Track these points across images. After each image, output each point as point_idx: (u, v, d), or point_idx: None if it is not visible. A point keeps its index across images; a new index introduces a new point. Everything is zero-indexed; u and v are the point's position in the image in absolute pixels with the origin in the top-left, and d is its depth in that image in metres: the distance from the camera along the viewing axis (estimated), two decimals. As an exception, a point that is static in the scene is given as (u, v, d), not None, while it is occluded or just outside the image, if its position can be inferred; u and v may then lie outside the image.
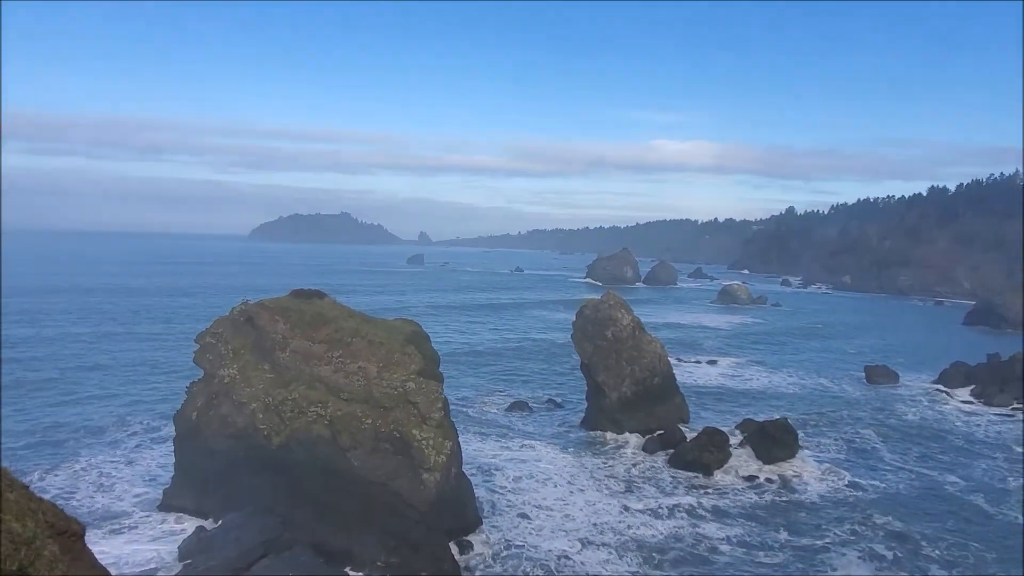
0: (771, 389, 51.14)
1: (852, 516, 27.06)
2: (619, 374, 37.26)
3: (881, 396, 49.58)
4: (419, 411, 23.13)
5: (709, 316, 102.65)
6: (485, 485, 28.66)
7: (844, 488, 30.24)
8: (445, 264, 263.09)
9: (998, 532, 26.06)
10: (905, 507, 28.15)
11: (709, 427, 33.87)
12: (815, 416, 42.68)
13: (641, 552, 23.33)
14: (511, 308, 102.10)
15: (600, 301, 39.86)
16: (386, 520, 21.79)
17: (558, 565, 22.28)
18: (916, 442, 37.69)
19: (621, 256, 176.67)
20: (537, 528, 24.99)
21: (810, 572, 22.46)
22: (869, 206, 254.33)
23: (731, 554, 23.68)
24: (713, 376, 54.79)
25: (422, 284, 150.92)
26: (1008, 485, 31.43)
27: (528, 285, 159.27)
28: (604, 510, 26.80)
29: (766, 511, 27.43)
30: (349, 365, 24.05)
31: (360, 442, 22.52)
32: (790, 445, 33.44)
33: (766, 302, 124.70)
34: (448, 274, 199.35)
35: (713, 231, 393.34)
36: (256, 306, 26.59)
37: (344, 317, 26.26)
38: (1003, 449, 37.11)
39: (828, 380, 54.99)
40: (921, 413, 44.84)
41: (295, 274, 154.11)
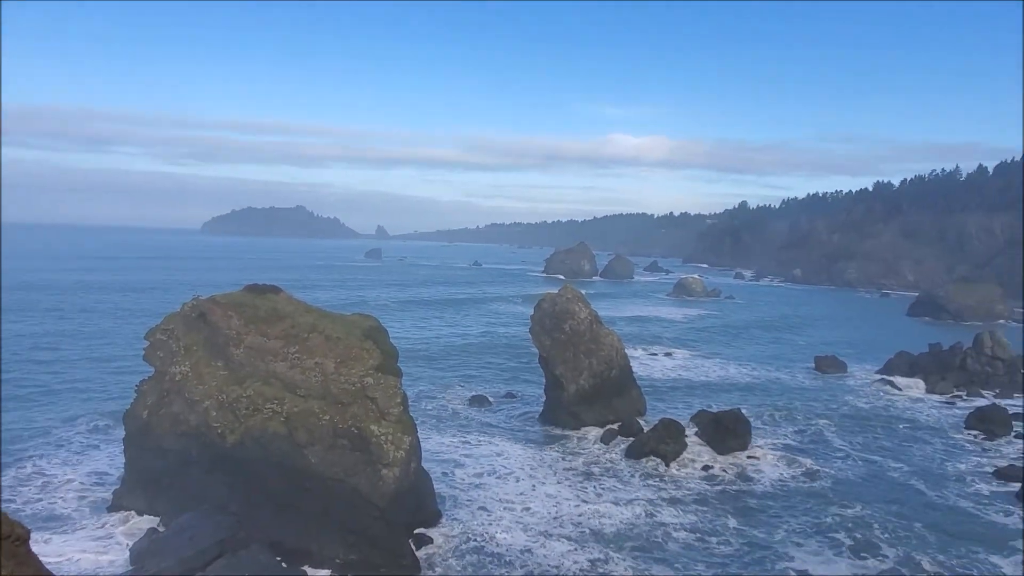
0: (725, 380, 52.23)
1: (804, 502, 27.88)
2: (577, 367, 37.59)
3: (830, 386, 51.09)
4: (378, 406, 22.99)
5: (665, 309, 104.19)
6: (445, 479, 28.67)
7: (796, 475, 31.11)
8: (403, 258, 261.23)
9: (938, 514, 27.15)
10: (853, 493, 29.10)
11: (665, 418, 34.44)
12: (767, 406, 43.78)
13: (600, 542, 23.64)
14: (470, 302, 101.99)
15: (558, 295, 40.12)
16: (345, 516, 21.64)
17: (518, 558, 22.40)
18: (863, 430, 38.94)
19: (578, 250, 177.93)
20: (497, 521, 25.10)
21: (764, 557, 23.01)
22: (818, 200, 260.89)
23: (685, 540, 24.17)
24: (669, 368, 55.70)
25: (380, 279, 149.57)
26: (945, 470, 32.75)
27: (487, 279, 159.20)
28: (563, 502, 27.06)
29: (721, 499, 28.06)
30: (306, 361, 23.75)
31: (317, 438, 22.30)
32: (743, 435, 34.23)
33: (720, 295, 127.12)
34: (406, 268, 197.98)
35: (668, 225, 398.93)
36: (208, 302, 26.03)
37: (300, 312, 25.91)
38: (942, 435, 38.63)
39: (780, 371, 56.41)
40: (867, 402, 46.36)
41: (249, 269, 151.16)
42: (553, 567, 21.80)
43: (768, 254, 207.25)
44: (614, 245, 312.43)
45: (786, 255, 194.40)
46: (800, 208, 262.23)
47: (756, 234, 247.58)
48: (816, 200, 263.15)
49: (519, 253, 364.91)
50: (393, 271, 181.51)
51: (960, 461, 34.13)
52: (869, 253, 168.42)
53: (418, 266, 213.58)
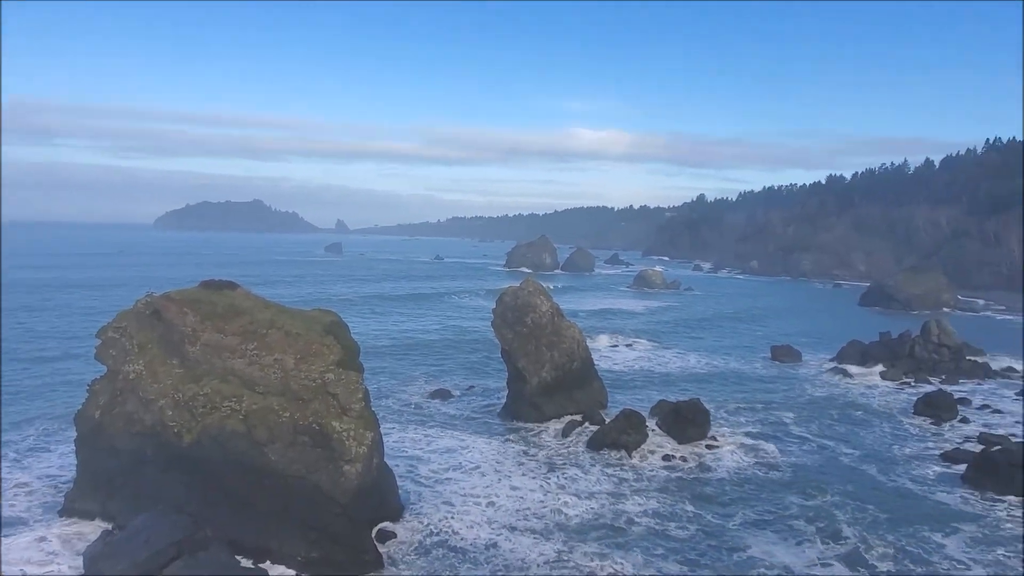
0: (685, 371, 53.07)
1: (761, 489, 28.55)
2: (539, 360, 37.78)
3: (786, 375, 52.32)
4: (339, 402, 22.79)
5: (626, 301, 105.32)
6: (408, 474, 28.59)
7: (754, 462, 31.81)
8: (364, 253, 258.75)
9: (889, 497, 28.09)
10: (809, 477, 29.93)
11: (627, 409, 34.85)
12: (726, 395, 44.74)
13: (564, 533, 23.83)
14: (432, 297, 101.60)
15: (519, 288, 40.23)
16: (306, 514, 21.43)
17: (483, 552, 22.41)
18: (818, 416, 39.98)
19: (540, 243, 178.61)
20: (461, 515, 25.11)
21: (721, 544, 23.46)
22: (774, 193, 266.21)
23: (648, 526, 24.54)
24: (630, 360, 56.35)
25: (341, 273, 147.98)
26: (896, 454, 33.89)
27: (449, 273, 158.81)
28: (527, 494, 27.19)
29: (681, 487, 28.53)
30: (265, 357, 23.41)
31: (277, 436, 22.02)
32: (703, 424, 34.85)
33: (679, 287, 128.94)
34: (368, 263, 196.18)
35: (629, 218, 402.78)
36: (163, 298, 25.45)
37: (259, 308, 25.49)
38: (892, 420, 39.90)
39: (738, 361, 57.54)
40: (822, 390, 47.62)
41: (205, 265, 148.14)
42: (518, 560, 21.87)
43: (726, 246, 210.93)
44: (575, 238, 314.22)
45: (743, 247, 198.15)
46: (756, 201, 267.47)
47: (714, 227, 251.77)
48: (772, 193, 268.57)
49: (481, 247, 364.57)
50: (354, 266, 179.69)
51: (909, 445, 35.32)
52: (823, 245, 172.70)
53: (379, 260, 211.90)
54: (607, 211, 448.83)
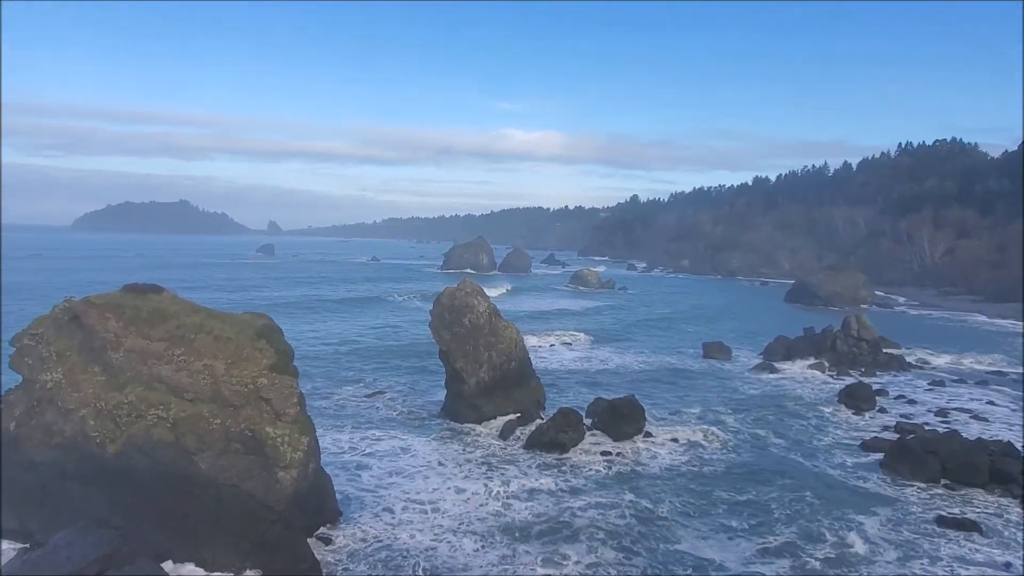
0: (621, 368, 54.05)
1: (695, 480, 29.35)
2: (477, 360, 37.82)
3: (717, 370, 53.95)
4: (272, 408, 22.27)
5: (562, 301, 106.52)
6: (346, 479, 28.16)
7: (689, 456, 32.68)
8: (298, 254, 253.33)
9: (814, 484, 29.33)
10: (740, 468, 31.03)
11: (564, 408, 35.24)
12: (660, 392, 45.85)
13: (507, 533, 23.82)
14: (369, 298, 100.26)
15: (456, 289, 40.17)
16: (240, 523, 20.85)
17: (424, 555, 22.19)
18: (747, 409, 41.38)
19: (476, 244, 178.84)
20: (401, 519, 24.85)
21: (660, 536, 23.98)
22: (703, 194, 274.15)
23: (589, 522, 24.87)
24: (567, 359, 57.03)
25: (274, 276, 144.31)
26: (820, 443, 35.51)
27: (385, 275, 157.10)
28: (467, 496, 27.15)
29: (619, 481, 29.05)
30: (193, 363, 22.64)
31: (208, 444, 21.35)
32: (638, 420, 35.58)
33: (614, 286, 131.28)
34: (302, 265, 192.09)
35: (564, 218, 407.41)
36: (82, 303, 24.30)
37: (186, 312, 24.63)
38: (816, 412, 41.69)
39: (671, 357, 58.98)
40: (751, 384, 49.35)
41: (128, 269, 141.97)
42: (460, 564, 21.76)
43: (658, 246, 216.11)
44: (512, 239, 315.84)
45: (675, 247, 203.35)
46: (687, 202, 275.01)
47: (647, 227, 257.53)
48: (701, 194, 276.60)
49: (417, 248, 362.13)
50: (288, 268, 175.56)
51: (833, 435, 37.01)
52: (750, 244, 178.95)
53: (314, 262, 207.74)
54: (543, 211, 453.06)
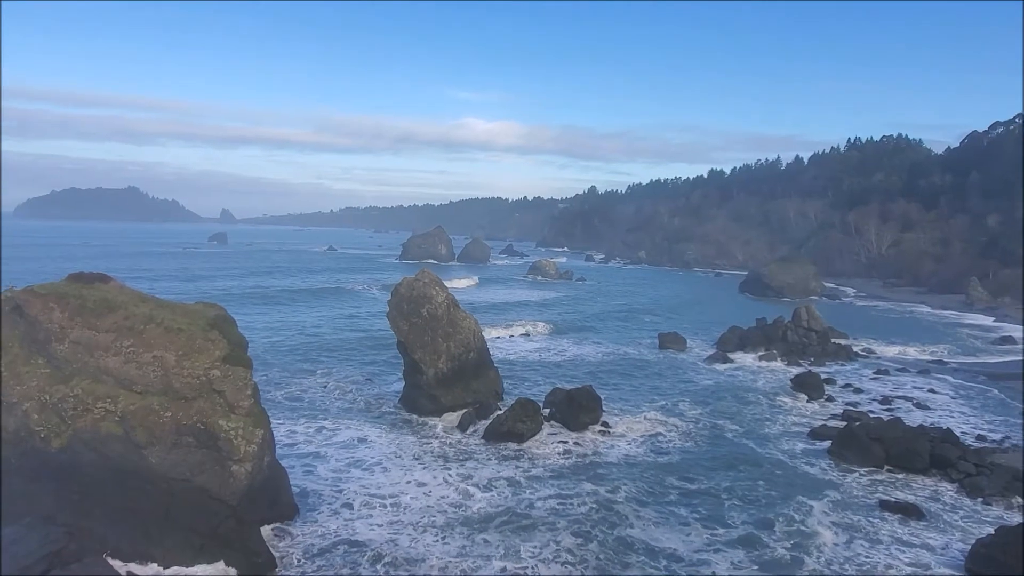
0: (578, 358, 54.52)
1: (650, 469, 29.85)
2: (435, 351, 37.72)
3: (672, 360, 54.83)
4: (226, 400, 21.86)
5: (521, 291, 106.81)
6: (303, 471, 27.87)
7: (645, 445, 33.19)
8: (252, 243, 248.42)
9: (766, 469, 30.20)
10: (696, 455, 31.72)
11: (522, 398, 35.43)
12: (616, 381, 46.43)
13: (467, 525, 23.83)
14: (326, 289, 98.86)
15: (415, 279, 39.96)
16: (192, 518, 20.47)
17: (383, 550, 22.02)
18: (702, 399, 42.19)
19: (435, 234, 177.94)
20: (359, 513, 24.70)
21: (617, 522, 24.30)
22: (660, 186, 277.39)
23: (547, 511, 25.11)
24: (526, 350, 57.27)
25: (227, 266, 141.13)
26: (772, 431, 36.47)
27: (343, 264, 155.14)
28: (425, 488, 27.11)
29: (576, 471, 29.36)
30: (143, 355, 22.07)
31: (158, 437, 20.87)
32: (595, 410, 35.99)
33: (572, 277, 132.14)
34: (256, 254, 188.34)
35: (522, 209, 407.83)
36: (25, 293, 23.44)
37: (135, 302, 23.97)
38: (767, 401, 42.74)
39: (628, 347, 59.71)
40: (705, 373, 50.30)
41: (74, 257, 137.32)
42: (419, 555, 21.69)
43: (616, 237, 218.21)
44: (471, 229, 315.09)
45: (632, 238, 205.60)
46: (644, 193, 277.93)
47: (605, 218, 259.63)
48: (658, 186, 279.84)
49: (375, 238, 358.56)
50: (242, 257, 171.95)
51: (783, 423, 38.01)
52: (705, 236, 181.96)
53: (269, 251, 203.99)
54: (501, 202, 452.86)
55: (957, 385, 49.45)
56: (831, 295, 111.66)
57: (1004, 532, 21.74)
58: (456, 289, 72.28)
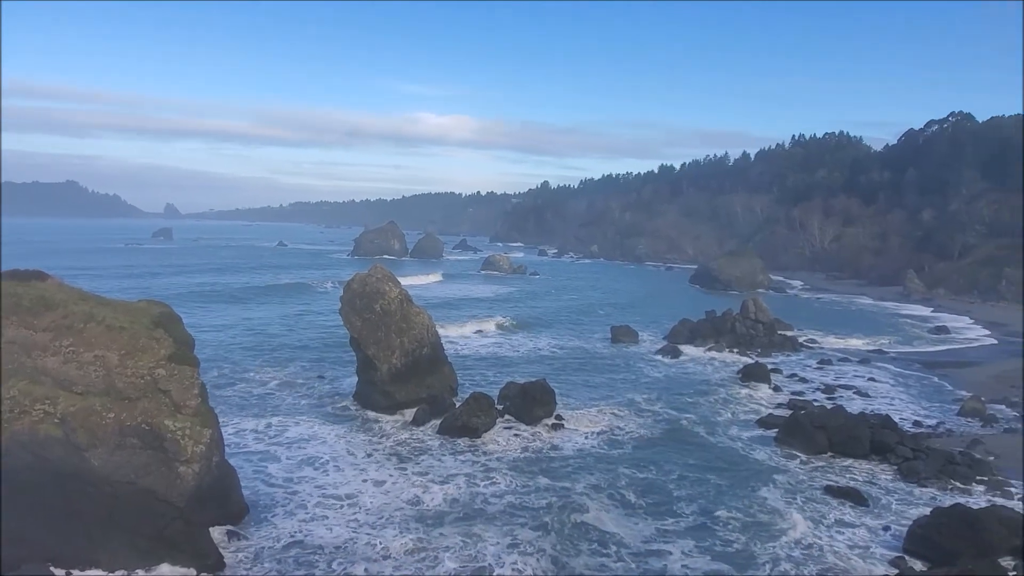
0: (532, 353, 54.81)
1: (603, 460, 30.26)
2: (389, 347, 37.45)
3: (624, 353, 55.58)
4: (172, 399, 21.33)
5: (474, 286, 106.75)
6: (253, 471, 27.38)
7: (598, 438, 33.59)
8: (199, 239, 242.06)
9: (717, 458, 30.95)
10: (649, 447, 32.27)
11: (476, 392, 35.47)
12: (570, 375, 46.84)
13: (423, 522, 23.69)
14: (275, 285, 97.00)
15: (367, 274, 39.57)
16: (138, 521, 19.92)
17: (338, 550, 21.78)
18: (653, 391, 42.90)
19: (388, 229, 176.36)
20: (313, 513, 24.34)
21: (573, 515, 24.51)
22: (612, 181, 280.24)
23: (503, 503, 25.21)
24: (479, 344, 57.30)
25: (173, 262, 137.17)
26: (718, 420, 37.36)
27: (293, 260, 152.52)
28: (380, 487, 26.87)
29: (530, 464, 29.55)
30: (83, 354, 21.36)
31: (101, 439, 20.23)
32: (549, 403, 36.26)
33: (526, 271, 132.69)
34: (203, 250, 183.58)
35: (476, 204, 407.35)
36: (-45, 292, 22.41)
37: (74, 300, 23.17)
38: (717, 391, 43.70)
39: (580, 341, 60.28)
40: (656, 366, 51.15)
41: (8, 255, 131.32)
42: (376, 554, 21.49)
43: (569, 231, 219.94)
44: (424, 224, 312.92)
45: (585, 232, 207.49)
46: (596, 188, 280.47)
47: (557, 213, 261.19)
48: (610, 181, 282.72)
49: (327, 233, 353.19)
50: (187, 254, 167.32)
51: (731, 413, 38.96)
52: (656, 230, 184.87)
53: (216, 248, 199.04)
54: (455, 197, 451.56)
55: (896, 373, 51.41)
56: (777, 288, 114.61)
57: (939, 513, 22.75)
58: (420, 285, 71.74)
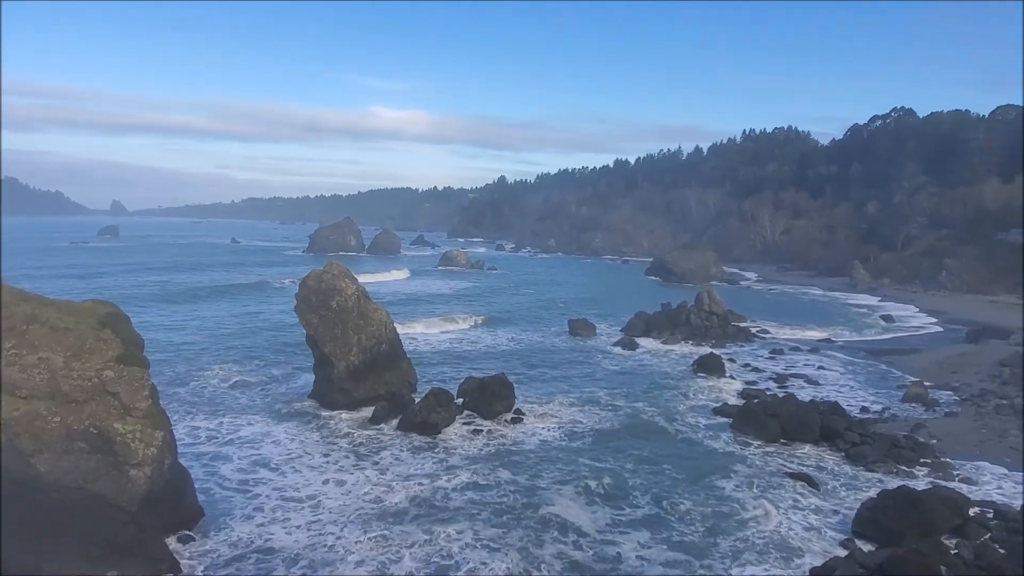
0: (491, 348, 54.88)
1: (564, 453, 30.50)
2: (346, 344, 37.06)
3: (582, 346, 56.07)
4: (121, 402, 20.75)
5: (432, 282, 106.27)
6: (209, 473, 26.82)
7: (557, 431, 33.83)
8: (148, 236, 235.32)
9: (675, 447, 31.56)
10: (608, 439, 32.66)
11: (435, 388, 35.37)
12: (528, 368, 47.06)
13: (385, 521, 23.48)
14: (228, 283, 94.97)
15: (323, 271, 39.06)
16: (88, 527, 19.34)
17: (297, 553, 21.41)
18: (612, 383, 43.42)
19: (344, 225, 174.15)
20: (271, 515, 23.92)
21: (533, 508, 24.68)
22: (568, 176, 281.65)
23: (465, 499, 25.20)
24: (438, 340, 57.12)
25: (121, 261, 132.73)
26: (674, 410, 38.00)
27: (247, 258, 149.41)
28: (342, 486, 26.56)
29: (492, 459, 29.60)
30: (26, 357, 20.61)
31: (47, 444, 19.59)
32: (507, 397, 36.38)
33: (483, 266, 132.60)
34: (153, 248, 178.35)
35: (433, 199, 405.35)
36: None
37: (15, 301, 22.31)
38: (673, 382, 44.47)
39: (538, 335, 60.60)
40: (613, 358, 51.73)
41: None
42: (337, 558, 21.15)
43: (526, 226, 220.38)
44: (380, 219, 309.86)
45: (542, 227, 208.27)
46: (552, 183, 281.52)
47: (514, 207, 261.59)
48: (566, 175, 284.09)
49: (281, 229, 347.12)
50: (136, 252, 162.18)
51: (687, 403, 39.67)
52: (612, 224, 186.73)
53: (166, 245, 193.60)
54: (411, 192, 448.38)
55: (845, 361, 53.02)
56: (731, 280, 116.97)
57: (885, 496, 23.59)
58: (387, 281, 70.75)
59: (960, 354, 54.97)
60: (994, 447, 32.40)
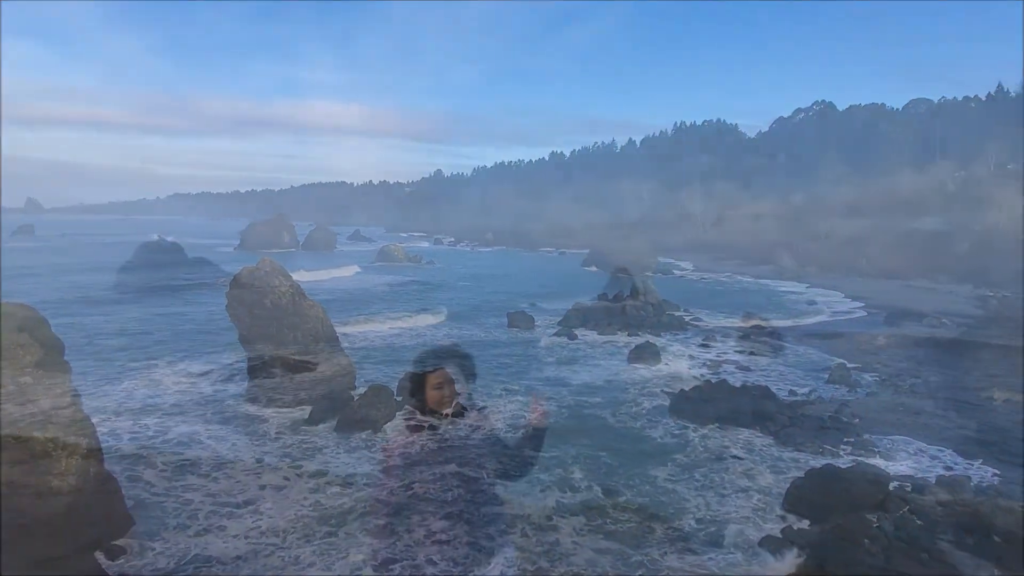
0: (431, 342, 54.51)
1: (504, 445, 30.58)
2: (281, 342, 36.28)
3: (521, 339, 56.39)
4: (41, 409, 19.77)
5: (370, 277, 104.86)
6: (138, 480, 25.81)
7: (501, 423, 33.92)
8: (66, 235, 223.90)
9: (614, 436, 32.17)
10: (553, 429, 32.76)
11: (374, 384, 35.02)
12: (469, 362, 47.06)
13: (326, 524, 23.13)
14: (154, 284, 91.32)
15: (256, 268, 38.12)
16: (7, 546, 18.38)
17: (238, 561, 20.88)
18: (552, 374, 43.88)
19: (277, 221, 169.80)
20: (206, 523, 23.22)
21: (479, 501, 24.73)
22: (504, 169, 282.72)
23: (409, 495, 24.97)
24: (377, 336, 56.48)
25: (37, 262, 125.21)
26: (612, 399, 38.73)
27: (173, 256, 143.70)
28: (279, 491, 26.01)
29: (434, 454, 29.36)
30: (-66, 367, 19.42)
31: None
32: (449, 392, 36.18)
33: (421, 260, 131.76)
34: (71, 248, 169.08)
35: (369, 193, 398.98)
36: None
37: (-80, 308, 20.99)
38: (610, 372, 45.26)
39: (478, 329, 60.62)
40: (553, 351, 52.24)
41: None
42: (280, 565, 20.69)
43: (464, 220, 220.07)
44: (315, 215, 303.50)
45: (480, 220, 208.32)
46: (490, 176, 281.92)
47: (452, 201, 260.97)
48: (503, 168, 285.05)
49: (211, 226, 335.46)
50: (53, 253, 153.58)
51: (625, 392, 40.47)
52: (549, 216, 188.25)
53: (86, 245, 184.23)
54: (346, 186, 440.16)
55: (774, 347, 54.94)
56: (665, 270, 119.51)
57: (812, 474, 24.74)
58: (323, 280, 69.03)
59: (880, 336, 57.82)
60: (910, 424, 34.29)
